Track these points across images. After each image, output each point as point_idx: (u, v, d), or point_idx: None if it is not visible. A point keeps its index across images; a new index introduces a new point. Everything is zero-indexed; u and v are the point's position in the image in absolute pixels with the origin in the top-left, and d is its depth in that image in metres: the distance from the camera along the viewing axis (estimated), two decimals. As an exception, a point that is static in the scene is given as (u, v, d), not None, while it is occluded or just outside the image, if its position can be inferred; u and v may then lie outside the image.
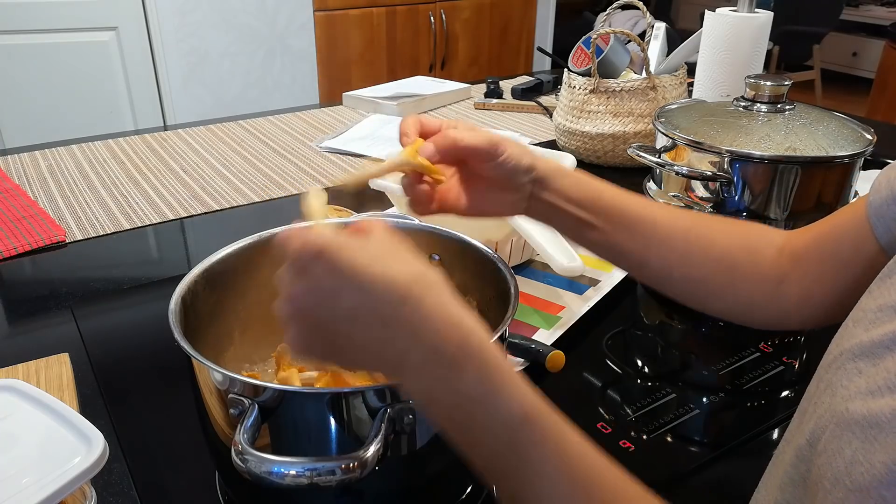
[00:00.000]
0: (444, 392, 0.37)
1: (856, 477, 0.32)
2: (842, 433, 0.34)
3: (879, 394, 0.33)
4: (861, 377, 0.35)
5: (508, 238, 0.83)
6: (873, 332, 0.36)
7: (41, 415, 0.49)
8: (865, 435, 0.32)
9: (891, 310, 0.36)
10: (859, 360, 0.36)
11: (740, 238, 0.56)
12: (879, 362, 0.35)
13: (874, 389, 0.34)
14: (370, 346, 0.38)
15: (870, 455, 0.32)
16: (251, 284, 0.59)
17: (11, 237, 0.94)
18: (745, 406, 0.67)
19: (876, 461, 0.31)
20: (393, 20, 2.82)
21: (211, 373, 0.45)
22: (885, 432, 0.31)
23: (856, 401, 0.34)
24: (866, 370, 0.35)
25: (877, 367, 0.35)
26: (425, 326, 0.37)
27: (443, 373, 0.37)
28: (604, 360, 0.72)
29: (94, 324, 0.78)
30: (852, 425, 0.33)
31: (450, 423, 0.38)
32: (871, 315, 0.37)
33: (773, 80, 0.77)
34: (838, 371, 0.37)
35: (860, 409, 0.34)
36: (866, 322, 0.37)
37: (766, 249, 0.55)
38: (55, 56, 2.21)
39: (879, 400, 0.33)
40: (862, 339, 0.37)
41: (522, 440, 0.36)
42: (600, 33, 1.20)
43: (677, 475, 0.58)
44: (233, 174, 1.20)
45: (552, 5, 3.31)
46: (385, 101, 1.54)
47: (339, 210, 1.01)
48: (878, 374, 0.34)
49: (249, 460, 0.39)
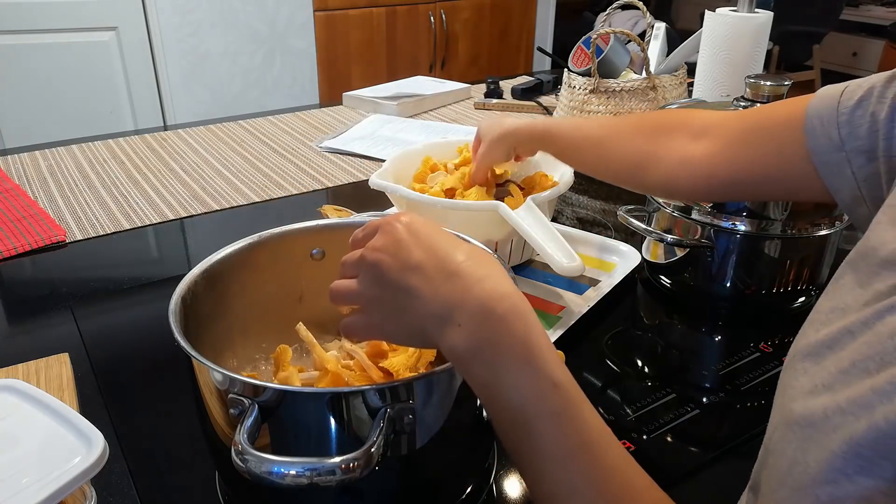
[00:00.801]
0: (487, 349, 0.39)
1: (795, 476, 0.32)
2: (785, 433, 0.34)
3: (817, 393, 0.33)
4: (805, 377, 0.35)
5: (508, 238, 0.83)
6: (821, 333, 0.37)
7: (41, 415, 0.49)
8: (803, 434, 0.33)
9: (839, 311, 0.37)
10: (806, 360, 0.36)
11: (647, 135, 0.69)
12: (822, 361, 0.35)
13: (813, 389, 0.34)
14: (427, 299, 0.41)
15: (806, 454, 0.32)
16: (251, 284, 0.59)
17: (11, 237, 0.94)
18: (745, 406, 0.67)
19: (811, 460, 0.31)
20: (393, 20, 2.82)
21: (211, 373, 0.45)
22: (819, 431, 0.32)
23: (798, 400, 0.34)
24: (810, 370, 0.35)
25: (818, 367, 0.35)
26: (482, 284, 0.40)
27: (493, 325, 0.39)
28: (604, 360, 0.72)
29: (94, 324, 0.78)
30: (793, 425, 0.34)
31: (485, 383, 0.39)
32: (823, 316, 0.38)
33: (773, 80, 0.77)
34: (789, 371, 0.38)
35: (801, 409, 0.34)
36: (818, 323, 0.38)
37: (676, 132, 0.66)
38: (55, 56, 2.21)
39: (816, 399, 0.33)
40: (811, 340, 0.37)
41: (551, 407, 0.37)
42: (600, 33, 1.20)
43: (677, 475, 0.58)
44: (233, 174, 1.20)
45: (552, 5, 3.31)
46: (385, 101, 1.54)
47: (339, 210, 1.01)
48: (819, 373, 0.34)
49: (249, 460, 0.39)
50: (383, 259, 0.43)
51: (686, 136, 0.65)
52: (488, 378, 0.39)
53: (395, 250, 0.43)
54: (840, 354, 0.34)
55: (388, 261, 0.43)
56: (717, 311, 0.81)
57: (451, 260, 0.41)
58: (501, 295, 0.40)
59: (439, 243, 0.43)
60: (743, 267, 0.77)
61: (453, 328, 0.40)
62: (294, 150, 1.32)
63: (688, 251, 0.79)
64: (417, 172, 0.94)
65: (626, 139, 0.70)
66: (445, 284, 0.40)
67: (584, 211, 1.07)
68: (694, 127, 0.65)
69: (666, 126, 0.68)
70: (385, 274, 0.43)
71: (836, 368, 0.33)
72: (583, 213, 1.07)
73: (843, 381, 0.32)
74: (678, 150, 0.65)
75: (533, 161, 0.95)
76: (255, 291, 0.60)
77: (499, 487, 0.57)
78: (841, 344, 0.34)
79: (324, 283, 0.48)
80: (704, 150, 0.63)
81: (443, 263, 0.41)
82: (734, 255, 0.77)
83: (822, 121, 0.51)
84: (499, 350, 0.38)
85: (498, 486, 0.57)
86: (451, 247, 0.42)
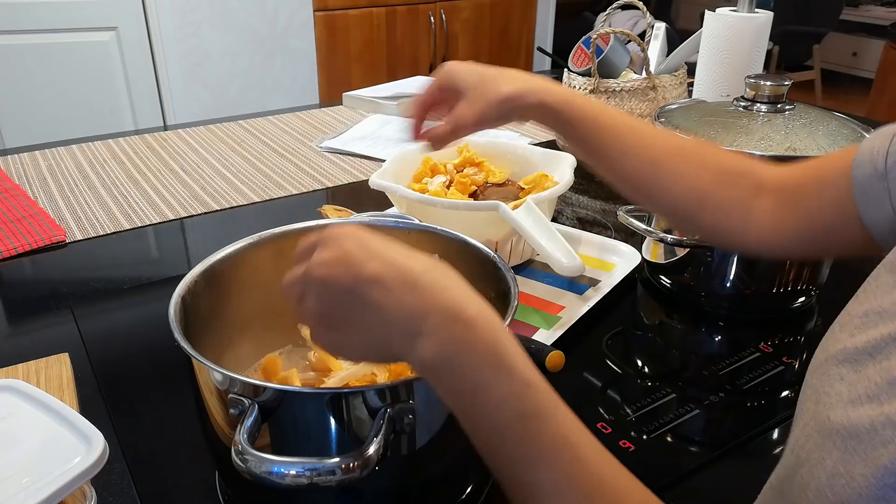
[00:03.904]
0: (457, 354, 0.38)
1: (837, 489, 0.31)
2: (823, 442, 0.33)
3: (860, 403, 0.32)
4: (843, 384, 0.34)
5: (508, 238, 0.83)
6: (857, 338, 0.36)
7: (41, 415, 0.49)
8: (846, 446, 0.32)
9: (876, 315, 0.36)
10: (842, 367, 0.35)
11: (710, 175, 0.60)
12: (861, 370, 0.34)
13: (855, 398, 0.33)
14: (391, 312, 0.39)
15: (850, 467, 0.31)
16: (251, 284, 0.59)
17: (11, 237, 0.94)
18: (745, 406, 0.67)
19: (856, 473, 0.30)
20: (393, 20, 2.82)
21: (211, 373, 0.45)
22: (865, 444, 0.31)
23: (837, 409, 0.34)
24: (848, 377, 0.34)
25: (858, 375, 0.34)
26: (447, 294, 0.39)
27: (460, 333, 0.38)
28: (604, 360, 0.72)
29: (94, 324, 0.78)
30: (833, 435, 0.33)
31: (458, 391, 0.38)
32: (857, 320, 0.37)
33: (773, 80, 0.77)
34: (822, 377, 0.37)
35: (841, 419, 0.33)
36: (852, 327, 0.37)
37: (742, 181, 0.60)
38: (55, 56, 2.21)
39: (859, 409, 0.32)
40: (846, 345, 0.36)
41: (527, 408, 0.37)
42: (600, 33, 1.20)
43: (677, 475, 0.58)
44: (233, 174, 1.20)
45: (552, 5, 3.31)
46: (385, 101, 1.54)
47: (339, 210, 1.01)
48: (860, 381, 0.33)
49: (249, 460, 0.39)
50: (332, 273, 0.40)
51: (749, 188, 0.59)
52: (460, 386, 0.38)
53: (345, 264, 0.40)
54: (886, 364, 0.33)
55: (339, 274, 0.40)
56: (717, 311, 0.81)
57: (411, 271, 0.39)
58: (467, 303, 0.39)
59: (393, 254, 0.40)
60: (743, 267, 0.77)
61: (421, 339, 0.38)
62: (294, 150, 1.32)
63: (688, 251, 0.79)
64: (417, 172, 0.94)
65: (691, 171, 0.60)
66: (408, 296, 0.39)
67: (584, 211, 1.07)
68: (755, 178, 0.60)
69: (730, 170, 0.60)
70: (336, 289, 0.40)
71: (882, 378, 0.32)
72: (583, 213, 1.07)
73: (893, 392, 0.31)
74: (744, 202, 0.59)
75: (532, 161, 0.95)
76: (255, 291, 0.60)
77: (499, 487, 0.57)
78: (885, 353, 0.33)
79: (324, 283, 0.48)
80: (769, 207, 0.58)
81: (402, 275, 0.39)
82: (734, 255, 0.77)
83: (873, 151, 0.49)
84: (468, 357, 0.37)
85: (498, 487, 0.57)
86: (406, 258, 0.40)
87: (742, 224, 0.59)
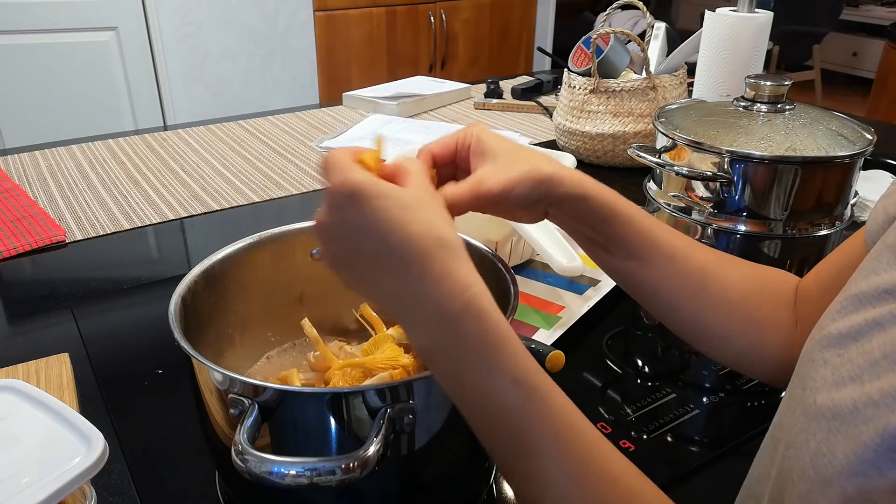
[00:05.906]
0: (444, 349, 0.39)
1: (819, 468, 0.32)
2: (808, 425, 0.34)
3: (843, 384, 0.33)
4: (827, 368, 0.35)
5: (508, 238, 0.83)
6: (840, 323, 0.36)
7: (41, 415, 0.49)
8: (829, 426, 0.32)
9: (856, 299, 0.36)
10: (826, 351, 0.36)
11: (757, 285, 0.54)
12: (844, 352, 0.34)
13: (839, 380, 0.33)
14: (387, 289, 0.40)
15: (832, 446, 0.31)
16: (251, 284, 0.59)
17: (11, 237, 0.94)
18: (745, 406, 0.67)
19: (838, 452, 0.31)
20: (393, 20, 2.82)
21: (211, 373, 0.45)
22: (847, 423, 0.31)
23: (822, 393, 0.34)
24: (832, 361, 0.35)
25: (842, 358, 0.34)
26: (431, 288, 0.38)
27: (448, 327, 0.38)
28: (604, 360, 0.72)
29: (94, 324, 0.78)
30: (818, 417, 0.33)
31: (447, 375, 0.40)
32: (839, 305, 0.37)
33: (773, 80, 0.77)
34: (808, 363, 0.37)
35: (825, 401, 0.33)
36: (834, 312, 0.37)
37: (785, 297, 0.53)
38: (55, 56, 2.21)
39: (843, 390, 0.33)
40: (830, 331, 0.36)
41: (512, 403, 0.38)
42: (600, 33, 1.20)
43: (677, 475, 0.58)
44: (233, 174, 1.20)
45: (552, 5, 3.31)
46: (385, 101, 1.54)
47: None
48: (843, 364, 0.34)
49: (249, 460, 0.39)
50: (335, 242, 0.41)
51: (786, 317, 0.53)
52: (448, 374, 0.40)
53: (345, 235, 0.40)
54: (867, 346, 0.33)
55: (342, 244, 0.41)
56: (717, 311, 0.81)
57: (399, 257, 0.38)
58: (459, 292, 0.38)
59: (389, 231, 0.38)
60: (743, 267, 0.77)
61: (411, 327, 0.40)
62: (294, 150, 1.32)
63: (688, 251, 0.79)
64: (417, 172, 0.94)
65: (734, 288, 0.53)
66: (396, 284, 0.39)
67: (584, 211, 1.07)
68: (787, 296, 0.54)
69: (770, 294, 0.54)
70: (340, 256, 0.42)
71: (864, 360, 0.33)
72: (583, 213, 1.06)
73: (874, 372, 0.32)
74: (785, 331, 0.53)
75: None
76: (255, 291, 0.60)
77: (499, 487, 0.57)
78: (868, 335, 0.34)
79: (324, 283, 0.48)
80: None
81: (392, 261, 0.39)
82: (734, 255, 0.77)
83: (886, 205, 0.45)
84: (454, 351, 0.38)
85: (498, 486, 0.57)
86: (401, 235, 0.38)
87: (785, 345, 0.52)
